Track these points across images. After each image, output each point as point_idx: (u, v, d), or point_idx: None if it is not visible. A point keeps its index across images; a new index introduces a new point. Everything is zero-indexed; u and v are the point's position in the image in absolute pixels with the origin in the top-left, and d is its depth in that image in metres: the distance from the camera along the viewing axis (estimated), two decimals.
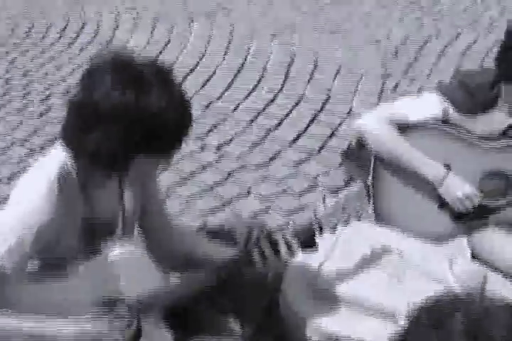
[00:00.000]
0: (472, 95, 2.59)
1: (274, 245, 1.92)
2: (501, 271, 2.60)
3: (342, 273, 2.28)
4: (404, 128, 2.63)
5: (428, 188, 2.69)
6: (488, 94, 2.59)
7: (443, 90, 2.67)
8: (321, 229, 2.11)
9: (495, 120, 2.66)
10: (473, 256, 2.68)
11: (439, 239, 2.71)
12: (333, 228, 2.14)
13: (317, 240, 2.08)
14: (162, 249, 2.05)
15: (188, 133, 1.72)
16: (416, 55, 4.91)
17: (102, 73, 1.67)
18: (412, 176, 2.67)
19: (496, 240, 2.71)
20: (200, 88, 4.29)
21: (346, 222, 2.19)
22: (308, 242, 2.02)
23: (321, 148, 3.68)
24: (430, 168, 2.61)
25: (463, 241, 2.73)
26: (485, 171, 2.66)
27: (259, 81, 4.39)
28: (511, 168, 2.66)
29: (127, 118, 1.63)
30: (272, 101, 4.14)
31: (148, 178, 2.01)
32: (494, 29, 5.50)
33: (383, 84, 4.43)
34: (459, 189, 2.60)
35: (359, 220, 2.90)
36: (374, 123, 2.63)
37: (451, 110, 2.61)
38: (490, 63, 4.65)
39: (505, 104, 2.62)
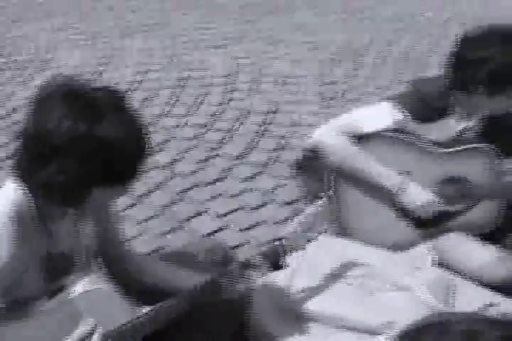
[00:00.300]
0: (426, 103, 2.60)
1: (243, 267, 1.89)
2: (465, 275, 2.61)
3: (309, 289, 2.25)
4: (361, 138, 2.62)
5: (387, 198, 2.68)
6: (442, 102, 2.60)
7: (398, 99, 2.68)
8: (288, 247, 2.09)
9: (449, 126, 2.68)
10: (437, 262, 2.69)
11: (401, 248, 2.71)
12: (301, 247, 2.12)
13: (285, 259, 2.06)
14: (126, 279, 1.98)
15: (147, 162, 1.65)
16: (356, 62, 4.94)
17: (53, 102, 1.58)
18: (371, 186, 2.66)
19: (457, 244, 2.72)
20: (144, 105, 4.22)
21: (314, 239, 2.15)
22: (276, 261, 1.99)
23: (272, 161, 3.65)
24: (389, 178, 2.60)
25: (425, 248, 2.73)
26: (442, 177, 2.67)
27: (203, 95, 4.33)
28: (467, 173, 2.68)
29: (82, 150, 1.54)
30: (218, 115, 4.08)
31: (106, 208, 1.95)
32: (431, 32, 5.58)
33: (328, 93, 4.43)
34: (419, 196, 2.60)
35: (325, 235, 2.89)
36: (330, 135, 2.62)
37: (406, 118, 2.61)
38: (428, 67, 4.76)
39: (458, 110, 2.64)
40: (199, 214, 3.21)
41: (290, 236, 2.06)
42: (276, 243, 2.02)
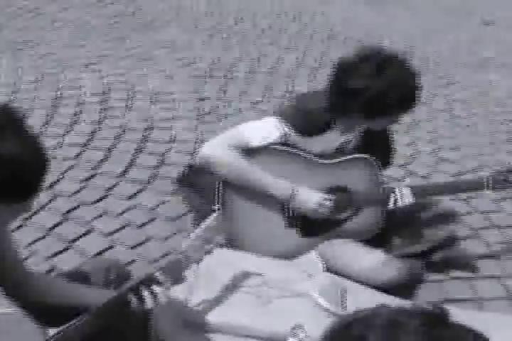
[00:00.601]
0: (308, 118, 2.74)
1: (145, 283, 1.93)
2: (354, 278, 2.77)
3: (208, 302, 2.33)
4: (249, 151, 2.73)
5: (279, 207, 2.80)
6: (323, 117, 2.75)
7: (281, 114, 2.81)
8: (187, 262, 2.15)
9: (331, 139, 2.84)
10: (328, 268, 2.83)
11: (294, 256, 2.84)
12: (199, 260, 2.20)
13: (185, 273, 2.12)
14: (30, 302, 1.97)
15: (45, 179, 1.65)
16: (227, 77, 5.06)
17: None
18: (260, 198, 2.77)
19: (345, 250, 2.88)
20: None
21: (210, 252, 2.23)
22: (177, 276, 2.05)
23: (153, 177, 3.69)
24: (279, 186, 2.72)
25: (316, 255, 2.87)
26: (327, 187, 2.83)
27: (78, 114, 4.31)
28: (350, 182, 2.84)
29: None
30: (95, 133, 4.08)
31: (5, 228, 1.93)
32: (296, 46, 5.80)
33: (201, 108, 4.52)
34: (311, 199, 2.73)
35: (220, 247, 2.96)
36: (219, 150, 2.70)
37: (290, 132, 2.75)
38: (298, 81, 4.95)
39: (339, 125, 2.80)
40: (86, 233, 3.20)
41: (187, 250, 2.13)
42: (175, 257, 2.09)
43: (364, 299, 2.53)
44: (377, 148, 3.00)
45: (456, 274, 3.28)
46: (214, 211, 2.78)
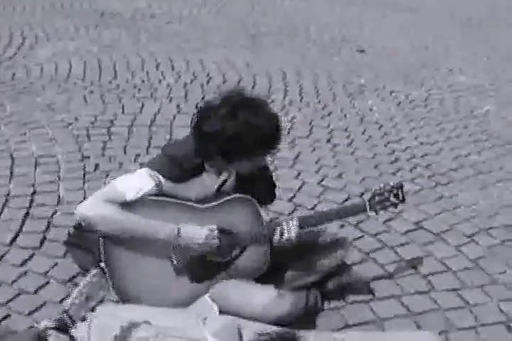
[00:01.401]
0: (179, 165, 2.78)
1: None
2: (250, 317, 2.80)
3: None
4: (126, 205, 2.74)
5: (164, 257, 2.81)
6: (194, 161, 2.80)
7: (152, 164, 2.85)
8: (72, 321, 2.15)
9: (206, 182, 2.89)
10: (223, 310, 2.85)
11: (189, 302, 2.85)
12: (83, 317, 2.19)
13: (71, 332, 2.12)
14: None
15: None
16: (108, 134, 5.08)
17: None
18: (147, 248, 2.78)
19: (236, 290, 2.91)
20: None
21: (93, 309, 2.23)
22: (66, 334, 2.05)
23: (42, 242, 3.65)
24: (163, 229, 2.73)
25: (209, 299, 2.89)
26: None
27: None
28: (232, 222, 2.89)
29: None
30: None
31: None
32: (176, 96, 5.88)
33: (84, 167, 4.51)
34: (197, 233, 2.77)
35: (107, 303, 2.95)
36: (95, 206, 2.71)
37: (164, 182, 2.78)
38: (178, 130, 5.01)
39: (209, 169, 2.85)
40: None
41: (70, 309, 2.13)
42: (59, 317, 2.09)
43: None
44: (256, 185, 3.06)
45: (354, 298, 3.36)
46: (95, 269, 2.80)
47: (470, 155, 5.16)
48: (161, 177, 2.78)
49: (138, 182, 2.78)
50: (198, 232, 2.78)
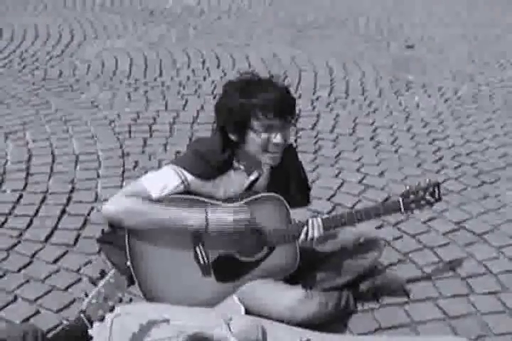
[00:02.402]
0: (207, 161, 2.75)
1: None
2: (276, 318, 2.76)
3: None
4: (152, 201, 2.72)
5: (191, 257, 2.79)
6: (222, 158, 2.76)
7: (178, 161, 2.82)
8: (90, 321, 2.14)
9: (235, 180, 2.85)
10: (249, 311, 2.82)
11: (212, 302, 2.82)
12: (101, 317, 2.18)
13: (90, 333, 2.11)
14: None
15: None
16: (150, 131, 5.08)
17: None
18: (174, 247, 2.76)
19: (264, 291, 2.87)
20: None
21: (111, 309, 2.22)
22: (82, 334, 2.04)
23: (76, 239, 3.66)
24: (191, 215, 2.71)
25: (234, 299, 2.85)
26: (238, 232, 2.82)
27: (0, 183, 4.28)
28: (260, 221, 2.84)
29: None
30: (18, 201, 4.05)
31: None
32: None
33: (124, 164, 4.52)
34: (226, 211, 2.76)
35: (128, 302, 2.96)
36: (121, 200, 2.70)
37: (191, 179, 2.75)
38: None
39: (240, 165, 2.82)
40: (11, 301, 3.16)
41: (87, 309, 2.13)
42: (76, 316, 2.08)
43: (283, 338, 2.52)
44: (289, 187, 3.02)
45: (388, 301, 3.29)
46: (129, 267, 2.79)
47: None
48: (188, 174, 2.75)
49: (164, 179, 2.75)
50: (227, 210, 2.76)
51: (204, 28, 8.08)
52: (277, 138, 2.72)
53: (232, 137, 2.76)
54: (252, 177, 2.92)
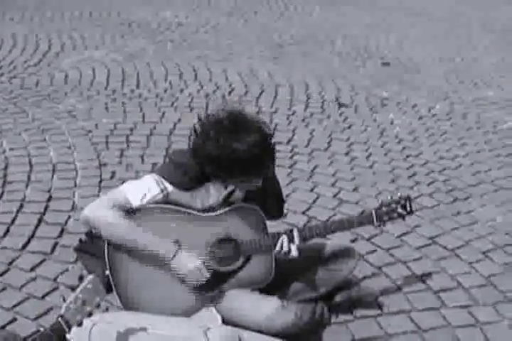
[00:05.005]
0: (185, 172, 2.78)
1: None
2: (253, 328, 2.79)
3: None
4: (131, 211, 2.74)
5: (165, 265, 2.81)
6: (199, 170, 2.79)
7: (158, 170, 2.85)
8: (68, 326, 2.17)
9: (212, 192, 2.88)
10: (226, 321, 2.84)
11: (189, 312, 2.84)
12: (79, 322, 2.21)
13: (68, 338, 2.13)
14: None
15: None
16: (127, 142, 5.11)
17: None
18: (147, 256, 2.78)
19: (240, 301, 2.90)
20: None
21: (90, 314, 2.24)
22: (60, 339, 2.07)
23: (53, 248, 3.67)
24: (161, 247, 2.73)
25: (211, 309, 2.88)
26: (214, 239, 2.85)
27: None
28: (237, 230, 2.88)
29: None
30: None
31: None
32: (197, 106, 5.90)
33: (101, 175, 4.54)
34: (188, 263, 2.74)
35: (105, 311, 2.97)
36: (98, 211, 2.72)
37: (170, 189, 2.78)
38: None
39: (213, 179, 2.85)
40: None
41: (65, 313, 2.15)
42: (54, 321, 2.11)
43: None
44: (264, 200, 3.05)
45: (362, 313, 3.33)
46: (107, 275, 2.80)
47: (490, 171, 5.10)
48: (167, 183, 2.79)
49: (144, 187, 2.78)
50: (190, 262, 2.76)
51: (181, 42, 8.11)
52: (258, 183, 2.79)
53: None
54: (229, 190, 2.96)
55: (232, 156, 2.61)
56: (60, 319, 2.17)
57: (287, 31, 8.88)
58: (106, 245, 2.78)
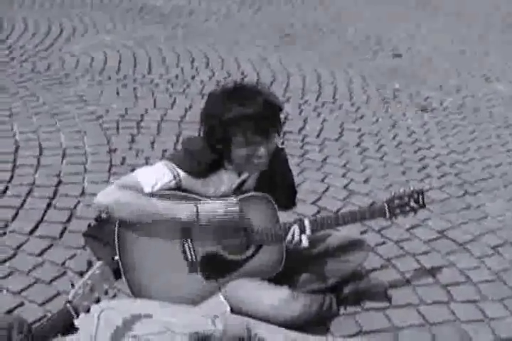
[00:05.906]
0: (198, 159, 2.77)
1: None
2: (260, 318, 2.78)
3: None
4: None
5: (179, 253, 2.80)
6: (211, 158, 2.78)
7: (171, 157, 2.84)
8: (76, 312, 2.16)
9: (225, 180, 2.87)
10: (235, 309, 2.83)
11: (197, 300, 2.84)
12: (87, 308, 2.20)
13: (76, 323, 2.12)
14: None
15: None
16: (137, 128, 5.09)
17: None
18: (162, 243, 2.77)
19: (249, 290, 2.89)
20: None
21: (98, 301, 2.24)
22: (68, 324, 2.06)
23: (62, 233, 3.66)
24: (181, 207, 2.73)
25: (220, 297, 2.87)
26: (225, 228, 2.84)
27: None
28: (248, 220, 2.87)
29: None
30: (4, 193, 4.04)
31: None
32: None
33: (111, 160, 4.52)
34: (216, 206, 2.77)
35: (113, 297, 2.96)
36: (114, 192, 2.71)
37: (182, 175, 2.77)
38: None
39: (229, 164, 2.83)
40: None
41: (74, 299, 2.14)
42: (62, 307, 2.10)
43: (268, 336, 2.54)
44: (276, 189, 3.03)
45: (370, 305, 3.32)
46: (116, 261, 2.80)
47: (501, 166, 5.08)
48: (180, 170, 2.78)
49: (156, 174, 2.78)
50: (216, 204, 2.77)
51: (193, 29, 8.07)
52: (260, 151, 2.74)
53: (217, 146, 2.78)
54: (243, 177, 2.94)
55: (233, 116, 2.65)
56: (68, 305, 2.16)
57: (299, 20, 8.82)
58: (117, 229, 2.77)
